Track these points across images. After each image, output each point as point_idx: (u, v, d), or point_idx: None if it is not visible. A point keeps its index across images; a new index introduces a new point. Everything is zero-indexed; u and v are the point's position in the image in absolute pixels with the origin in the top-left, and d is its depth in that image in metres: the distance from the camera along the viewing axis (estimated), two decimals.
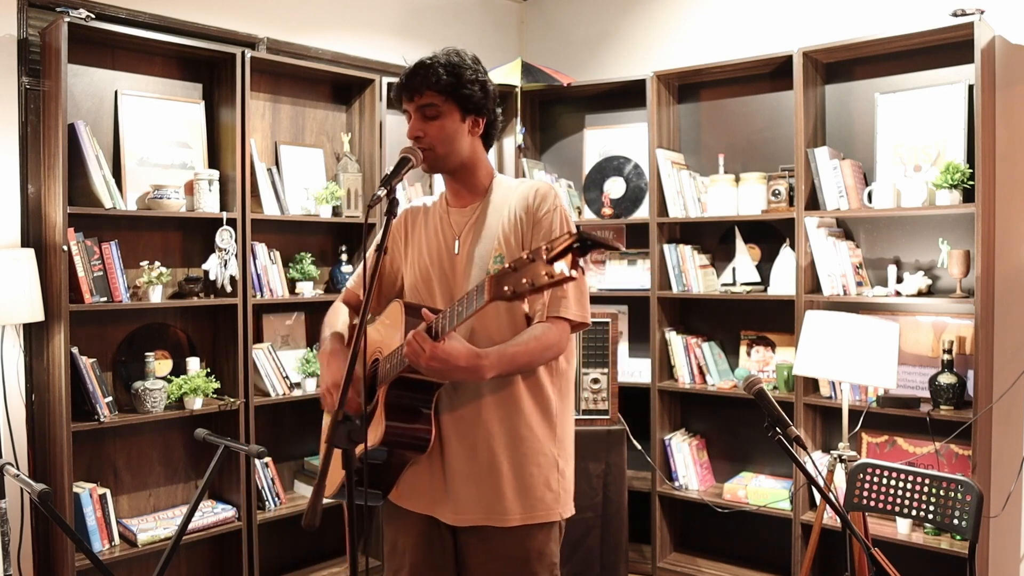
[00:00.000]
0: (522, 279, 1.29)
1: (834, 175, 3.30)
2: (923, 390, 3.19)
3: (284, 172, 3.55)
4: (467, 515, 1.77)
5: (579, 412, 3.33)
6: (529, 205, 1.78)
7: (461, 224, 1.86)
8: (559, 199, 1.80)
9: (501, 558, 1.76)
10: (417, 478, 1.81)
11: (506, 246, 1.77)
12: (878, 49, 3.31)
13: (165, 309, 3.23)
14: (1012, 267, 3.14)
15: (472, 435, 1.76)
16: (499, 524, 1.75)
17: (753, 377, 1.84)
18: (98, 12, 2.97)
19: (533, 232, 1.76)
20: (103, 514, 2.95)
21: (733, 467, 3.82)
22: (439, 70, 1.75)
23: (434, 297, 1.84)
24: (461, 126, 1.80)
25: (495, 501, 1.75)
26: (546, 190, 1.80)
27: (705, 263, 3.77)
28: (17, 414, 2.90)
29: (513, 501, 1.75)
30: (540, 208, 1.77)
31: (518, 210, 1.79)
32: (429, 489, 1.80)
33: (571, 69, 4.29)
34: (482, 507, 1.75)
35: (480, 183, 1.87)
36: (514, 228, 1.78)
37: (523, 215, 1.78)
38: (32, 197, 2.94)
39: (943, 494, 2.30)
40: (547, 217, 1.77)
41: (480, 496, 1.75)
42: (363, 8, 3.97)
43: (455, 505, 1.77)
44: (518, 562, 1.76)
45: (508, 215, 1.80)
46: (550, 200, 1.78)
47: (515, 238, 1.77)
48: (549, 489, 1.78)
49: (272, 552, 3.50)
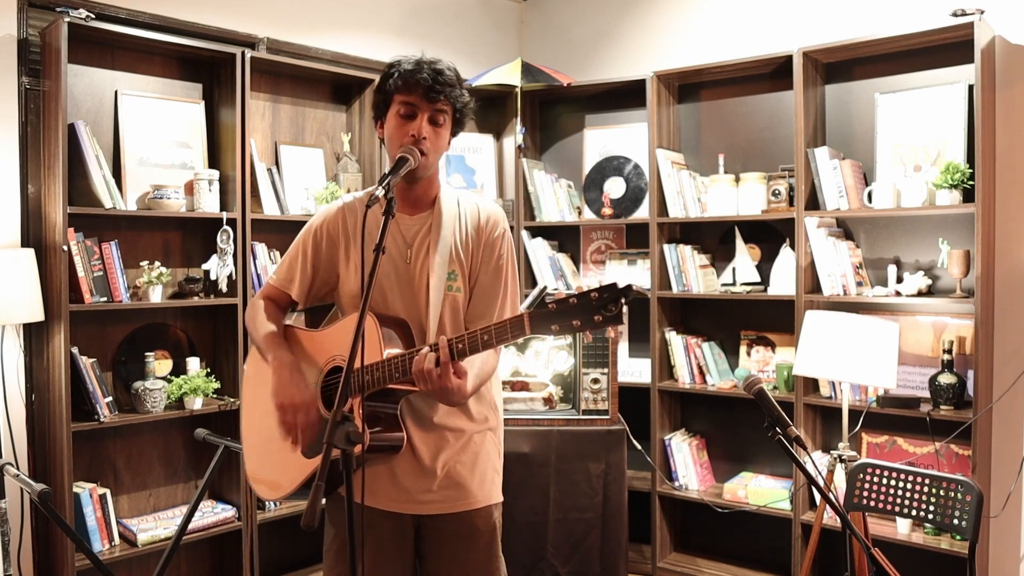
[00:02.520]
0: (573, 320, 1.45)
1: (834, 175, 3.30)
2: (923, 390, 3.19)
3: (284, 172, 3.55)
4: (436, 505, 1.88)
5: (579, 412, 3.33)
6: (481, 228, 1.89)
7: (413, 233, 1.88)
8: (506, 223, 1.94)
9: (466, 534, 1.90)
10: (378, 476, 1.84)
11: (458, 263, 1.86)
12: (878, 49, 3.31)
13: (165, 309, 3.23)
14: (1012, 267, 3.14)
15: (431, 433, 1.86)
16: (465, 508, 1.89)
17: (753, 377, 1.84)
18: (98, 12, 2.97)
19: (483, 254, 1.88)
20: (103, 514, 2.95)
21: (733, 467, 3.82)
22: (456, 84, 1.81)
23: (389, 305, 1.86)
24: (448, 139, 1.87)
25: (459, 489, 1.88)
26: (497, 215, 1.93)
27: (705, 263, 3.77)
28: (17, 414, 2.90)
29: (475, 487, 1.90)
30: (492, 232, 1.90)
31: (471, 229, 1.89)
32: (391, 485, 1.86)
33: (571, 69, 4.29)
34: (448, 496, 1.88)
35: (431, 193, 1.91)
36: (467, 247, 1.88)
37: (476, 235, 1.89)
38: (32, 197, 2.94)
39: (943, 494, 2.30)
40: (496, 241, 1.89)
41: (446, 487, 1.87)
42: (363, 8, 3.98)
43: (422, 497, 1.87)
44: (483, 533, 1.92)
45: (462, 232, 1.88)
46: (500, 225, 1.92)
47: (467, 258, 1.88)
48: (497, 473, 1.97)
49: (272, 552, 3.50)
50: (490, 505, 1.94)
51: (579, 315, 1.44)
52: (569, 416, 3.33)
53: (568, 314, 1.45)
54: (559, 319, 1.47)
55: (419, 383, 1.64)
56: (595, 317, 1.41)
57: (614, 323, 1.41)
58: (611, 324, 1.41)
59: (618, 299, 1.39)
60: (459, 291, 1.86)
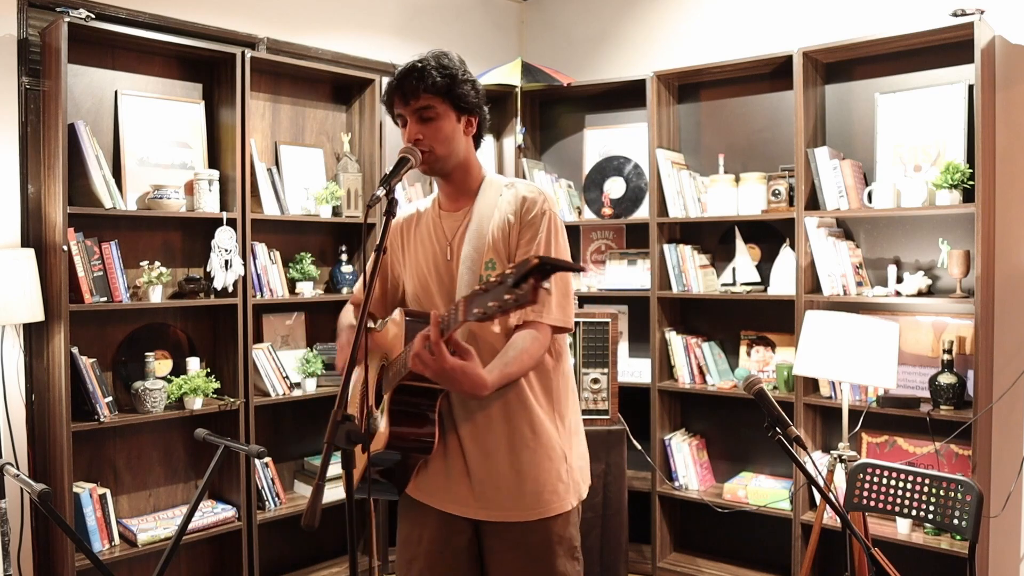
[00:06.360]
0: (489, 301, 1.35)
1: (834, 175, 3.30)
2: (923, 390, 3.19)
3: (284, 172, 3.55)
4: (488, 511, 1.82)
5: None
6: (518, 209, 1.81)
7: (453, 229, 1.87)
8: (549, 203, 1.83)
9: (524, 546, 1.82)
10: (436, 476, 1.84)
11: (496, 251, 1.79)
12: (878, 49, 3.31)
13: (165, 309, 3.23)
14: (1012, 267, 3.14)
15: (485, 437, 1.80)
16: (519, 519, 1.81)
17: (753, 377, 1.84)
18: (98, 12, 2.97)
19: (520, 235, 1.79)
20: (103, 514, 2.95)
21: (733, 467, 3.82)
22: (433, 72, 1.75)
23: (435, 305, 1.85)
24: (457, 126, 1.81)
25: (514, 498, 1.80)
26: (536, 195, 1.82)
27: (705, 263, 3.77)
28: (17, 414, 2.90)
29: (531, 496, 1.80)
30: (529, 212, 1.80)
31: (509, 215, 1.81)
32: (447, 487, 1.84)
33: (571, 69, 4.29)
34: (502, 504, 1.81)
35: (472, 184, 1.88)
36: (504, 233, 1.80)
37: (513, 219, 1.81)
38: (32, 197, 2.94)
39: (943, 494, 2.30)
40: (535, 220, 1.79)
41: (499, 494, 1.80)
42: (363, 8, 3.98)
43: (476, 502, 1.81)
44: (541, 548, 1.82)
45: (500, 219, 1.82)
46: (539, 204, 1.81)
47: (504, 243, 1.80)
48: (560, 481, 1.83)
49: (272, 552, 3.50)
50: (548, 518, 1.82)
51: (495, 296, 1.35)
52: None
53: (487, 295, 1.37)
54: (479, 301, 1.39)
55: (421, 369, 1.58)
56: (506, 296, 1.32)
57: (523, 302, 1.30)
58: (521, 304, 1.31)
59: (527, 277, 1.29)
60: None
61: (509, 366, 1.70)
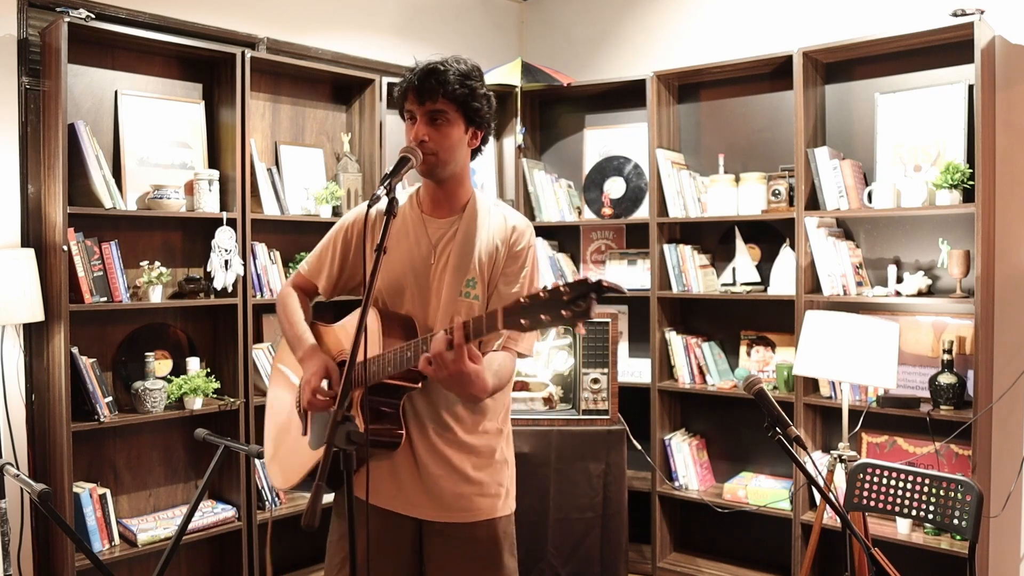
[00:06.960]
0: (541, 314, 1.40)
1: (834, 175, 3.30)
2: (923, 390, 3.19)
3: (284, 172, 3.55)
4: (439, 512, 1.86)
5: (579, 412, 3.33)
6: (507, 239, 1.87)
7: (439, 236, 1.88)
8: (533, 236, 1.93)
9: (472, 543, 1.89)
10: (381, 475, 1.86)
11: (479, 272, 1.83)
12: (878, 49, 3.31)
13: (165, 309, 3.23)
14: (1012, 267, 3.14)
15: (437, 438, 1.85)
16: (466, 520, 1.87)
17: (753, 377, 1.85)
18: (98, 12, 2.97)
19: (506, 264, 1.86)
20: (103, 514, 2.95)
21: (733, 467, 3.82)
22: (454, 79, 1.76)
23: (403, 304, 1.86)
24: (464, 137, 1.82)
25: (461, 500, 1.86)
26: (524, 227, 1.91)
27: (705, 263, 3.77)
28: (17, 414, 2.90)
29: (481, 498, 1.88)
30: (517, 243, 1.87)
31: (497, 240, 1.87)
32: (396, 485, 1.86)
33: (571, 69, 4.29)
34: (453, 504, 1.86)
35: (461, 197, 1.90)
36: (491, 257, 1.85)
37: (501, 246, 1.86)
38: (32, 197, 2.94)
39: (943, 494, 2.30)
40: (522, 253, 1.87)
41: (447, 495, 1.86)
42: (363, 8, 3.98)
43: (431, 502, 1.86)
44: (488, 545, 1.90)
45: (488, 241, 1.86)
46: (527, 237, 1.89)
47: (489, 266, 1.85)
48: (501, 486, 1.93)
49: (272, 552, 3.49)
50: (493, 519, 1.90)
51: (548, 310, 1.39)
52: (569, 416, 3.33)
53: (537, 308, 1.41)
54: (528, 313, 1.42)
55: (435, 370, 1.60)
56: (563, 312, 1.36)
57: (582, 318, 1.36)
58: (579, 320, 1.36)
59: (587, 295, 1.34)
60: (476, 299, 1.83)
61: (498, 380, 1.78)
